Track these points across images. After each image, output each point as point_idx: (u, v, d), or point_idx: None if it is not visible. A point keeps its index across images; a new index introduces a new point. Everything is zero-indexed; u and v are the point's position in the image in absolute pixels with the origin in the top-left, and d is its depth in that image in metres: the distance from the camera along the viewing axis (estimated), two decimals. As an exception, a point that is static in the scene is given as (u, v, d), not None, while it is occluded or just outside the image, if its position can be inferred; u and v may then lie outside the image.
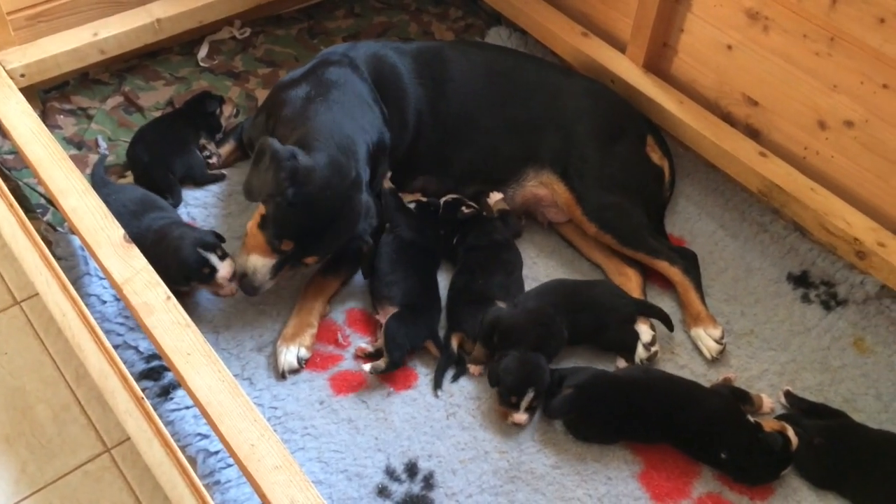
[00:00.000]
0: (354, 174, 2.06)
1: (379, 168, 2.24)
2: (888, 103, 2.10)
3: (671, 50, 2.57)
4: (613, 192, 2.27)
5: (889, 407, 2.05)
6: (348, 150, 2.08)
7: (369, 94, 2.26)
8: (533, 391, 1.92)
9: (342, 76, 2.25)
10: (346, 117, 2.15)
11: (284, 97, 2.23)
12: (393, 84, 2.31)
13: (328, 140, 2.07)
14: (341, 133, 2.10)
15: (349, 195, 2.04)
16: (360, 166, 2.10)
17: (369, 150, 2.16)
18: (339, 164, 2.04)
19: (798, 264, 2.33)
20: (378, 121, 2.23)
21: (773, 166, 2.35)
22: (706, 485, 1.91)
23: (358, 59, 2.32)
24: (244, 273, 2.03)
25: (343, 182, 2.03)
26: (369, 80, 2.29)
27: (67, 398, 2.03)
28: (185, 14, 2.72)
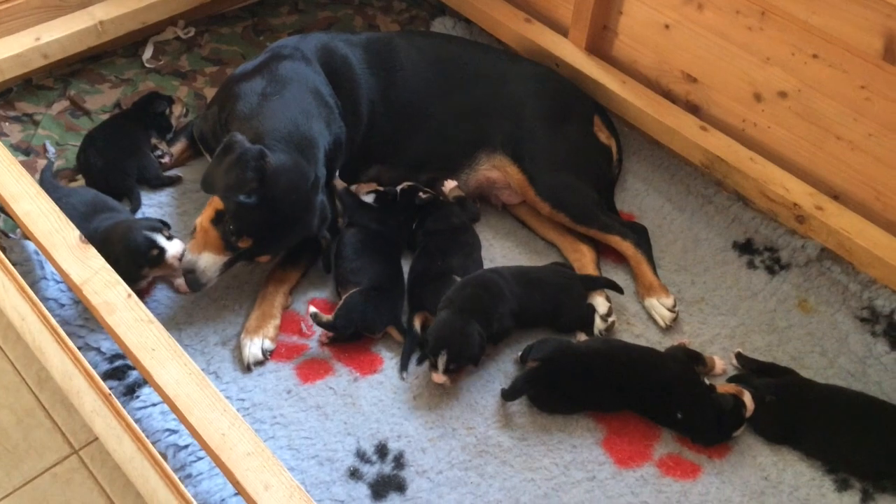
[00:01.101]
0: (314, 177, 2.09)
1: (336, 165, 2.27)
2: (818, 73, 2.20)
3: (611, 32, 2.65)
4: (564, 171, 2.33)
5: (834, 363, 2.15)
6: (308, 152, 2.10)
7: (325, 89, 2.28)
8: (445, 354, 1.95)
9: (296, 71, 2.27)
10: (305, 117, 2.16)
11: (238, 91, 2.24)
12: (345, 75, 2.34)
13: (288, 141, 2.09)
14: (300, 134, 2.12)
15: (309, 198, 2.07)
16: (319, 167, 2.13)
17: (327, 150, 2.18)
18: (301, 166, 2.07)
19: (742, 233, 2.43)
20: (335, 118, 2.25)
21: (714, 139, 2.44)
22: (666, 447, 1.98)
23: (309, 51, 2.34)
24: (192, 269, 2.03)
25: (304, 185, 2.06)
26: (322, 73, 2.31)
27: (31, 403, 2.01)
28: (128, 15, 2.71)
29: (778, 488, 1.91)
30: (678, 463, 1.95)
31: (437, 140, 2.38)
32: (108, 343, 2.07)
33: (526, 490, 1.88)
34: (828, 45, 2.15)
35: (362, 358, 2.10)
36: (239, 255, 2.06)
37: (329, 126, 2.20)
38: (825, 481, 1.93)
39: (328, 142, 2.17)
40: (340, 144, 2.26)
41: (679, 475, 1.93)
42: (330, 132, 2.20)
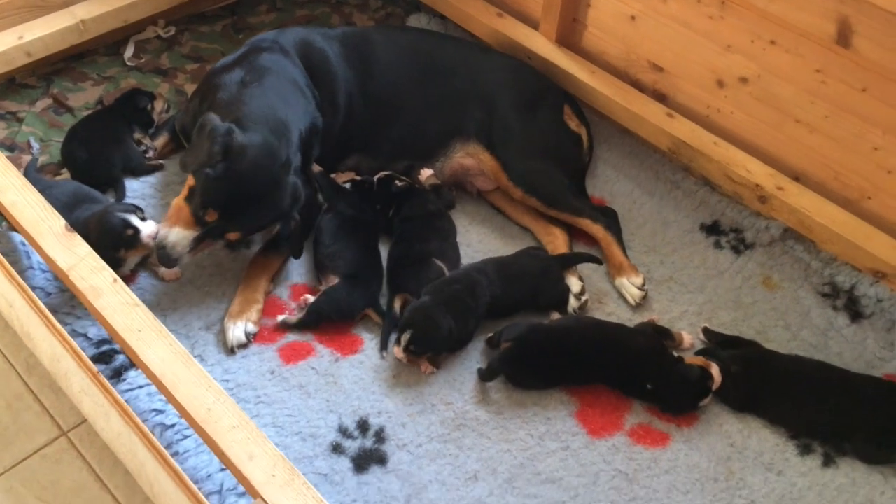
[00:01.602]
0: (285, 157, 2.14)
1: (311, 152, 2.33)
2: (777, 58, 2.30)
3: (580, 24, 2.74)
4: (536, 157, 2.41)
5: (797, 336, 2.25)
6: (281, 134, 2.16)
7: (302, 80, 2.34)
8: (409, 334, 2.02)
9: (275, 62, 2.34)
10: (281, 102, 2.23)
11: (218, 82, 2.31)
12: (322, 68, 2.41)
13: (263, 123, 2.15)
14: (276, 118, 2.18)
15: (277, 176, 2.12)
16: (292, 150, 2.18)
17: (302, 135, 2.24)
18: (271, 145, 2.12)
19: (709, 215, 2.52)
20: (311, 107, 2.32)
21: (680, 125, 2.53)
22: (637, 417, 2.06)
23: (287, 44, 2.41)
24: (163, 245, 2.08)
25: (273, 163, 2.11)
26: (301, 65, 2.38)
27: (19, 388, 2.06)
28: (109, 14, 2.77)
29: (743, 454, 2.00)
30: (648, 432, 2.03)
31: (413, 129, 2.46)
32: (94, 329, 2.12)
33: (503, 460, 1.96)
34: (785, 32, 2.24)
35: (343, 339, 2.17)
36: (208, 231, 2.10)
37: (305, 113, 2.27)
38: (788, 446, 2.02)
39: (304, 128, 2.24)
40: (317, 132, 2.32)
41: (649, 443, 2.01)
42: (306, 119, 2.26)
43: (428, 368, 2.09)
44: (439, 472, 1.93)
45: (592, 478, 1.94)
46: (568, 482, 1.93)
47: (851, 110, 2.22)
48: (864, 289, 2.30)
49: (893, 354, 2.20)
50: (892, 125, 2.16)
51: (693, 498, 1.92)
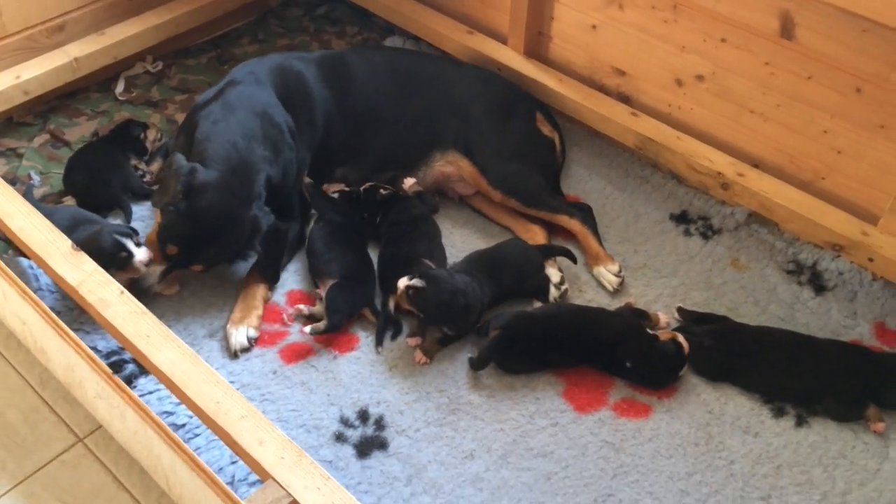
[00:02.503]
0: (245, 194, 2.26)
1: (285, 180, 2.42)
2: (728, 55, 2.47)
3: (546, 37, 2.92)
4: (512, 161, 2.56)
5: (766, 310, 2.39)
6: (244, 174, 2.27)
7: (274, 109, 2.44)
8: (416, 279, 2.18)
9: (246, 95, 2.44)
10: (245, 140, 2.32)
11: (196, 119, 2.42)
12: (299, 90, 2.56)
13: (226, 162, 2.27)
14: (239, 157, 2.29)
15: (235, 214, 2.24)
16: (255, 188, 2.29)
17: (269, 173, 2.33)
18: (231, 185, 2.24)
19: (678, 205, 2.67)
20: (283, 137, 2.41)
21: (644, 123, 2.70)
22: (620, 392, 2.19)
23: (263, 73, 2.54)
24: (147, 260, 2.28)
25: (231, 201, 2.24)
26: (274, 94, 2.50)
27: (35, 401, 2.17)
28: (101, 51, 2.93)
29: (721, 419, 2.13)
30: (631, 405, 2.16)
31: (394, 142, 2.61)
32: (103, 342, 2.24)
33: (496, 438, 2.08)
34: (734, 29, 2.42)
35: (340, 338, 2.30)
36: (173, 264, 2.26)
37: (273, 146, 2.37)
38: (763, 410, 2.15)
39: (268, 168, 2.33)
40: (288, 161, 2.43)
41: (633, 415, 2.14)
42: (274, 152, 2.36)
43: (422, 359, 2.22)
44: (437, 452, 2.05)
45: (581, 449, 2.06)
46: (559, 455, 2.05)
47: (800, 98, 2.40)
48: (825, 263, 2.46)
49: (856, 322, 2.35)
50: (839, 109, 2.34)
51: (676, 462, 2.04)
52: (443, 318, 2.24)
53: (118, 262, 2.23)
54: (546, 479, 2.00)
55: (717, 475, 2.02)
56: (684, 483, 2.00)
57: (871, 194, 2.39)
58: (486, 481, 2.00)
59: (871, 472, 2.02)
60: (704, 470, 2.03)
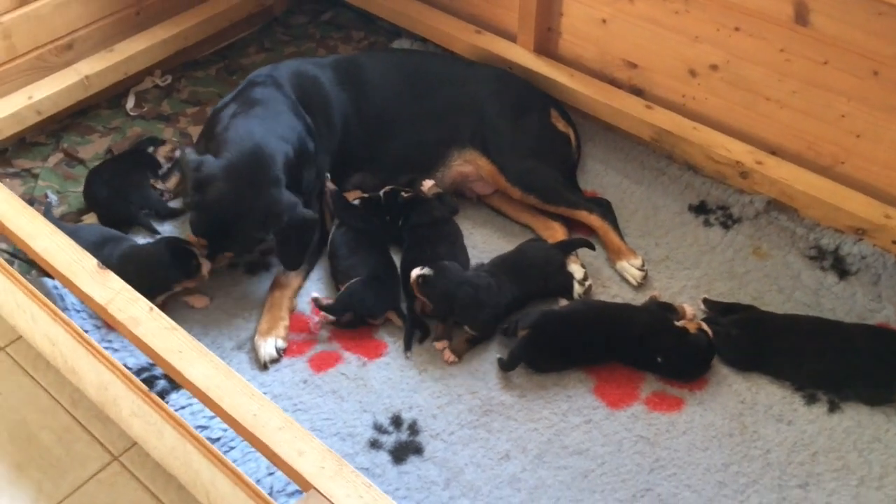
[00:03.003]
0: (259, 179, 2.27)
1: (304, 171, 2.43)
2: (742, 43, 2.47)
3: (555, 33, 2.91)
4: (530, 158, 2.56)
5: (791, 297, 2.39)
6: (257, 156, 2.28)
7: (291, 108, 2.48)
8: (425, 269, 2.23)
9: (266, 94, 2.49)
10: (261, 127, 2.35)
11: (216, 118, 2.47)
12: (316, 94, 2.57)
13: (236, 147, 2.29)
14: (252, 141, 2.31)
15: (247, 199, 2.24)
16: (274, 170, 2.29)
17: (288, 156, 2.34)
18: (240, 169, 2.26)
19: (696, 196, 2.67)
20: (300, 129, 2.43)
21: (660, 115, 2.70)
22: (651, 386, 2.20)
23: (281, 77, 2.56)
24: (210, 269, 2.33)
25: (242, 185, 2.25)
26: (293, 96, 2.53)
27: (68, 421, 2.18)
28: (111, 68, 2.93)
29: (754, 409, 2.13)
30: (663, 399, 2.17)
31: (411, 144, 2.61)
32: (132, 359, 2.24)
33: (531, 438, 2.08)
34: (747, 18, 2.42)
35: (368, 345, 2.30)
36: (211, 253, 2.31)
37: (292, 133, 2.38)
38: (795, 398, 2.15)
39: (290, 148, 2.34)
40: (307, 153, 2.43)
41: (665, 409, 2.14)
42: (293, 139, 2.38)
43: (451, 357, 2.22)
44: (473, 455, 2.05)
45: (616, 445, 2.07)
46: (594, 452, 2.05)
47: (816, 83, 2.39)
48: (847, 248, 2.46)
49: (882, 305, 2.35)
50: (855, 92, 2.34)
51: (712, 454, 2.05)
52: (448, 308, 2.24)
53: (189, 272, 2.28)
54: (583, 477, 2.01)
55: (754, 465, 2.02)
56: (721, 475, 2.01)
57: (892, 177, 2.39)
58: (524, 481, 2.00)
59: (907, 455, 2.03)
60: (741, 460, 2.03)
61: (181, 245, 2.28)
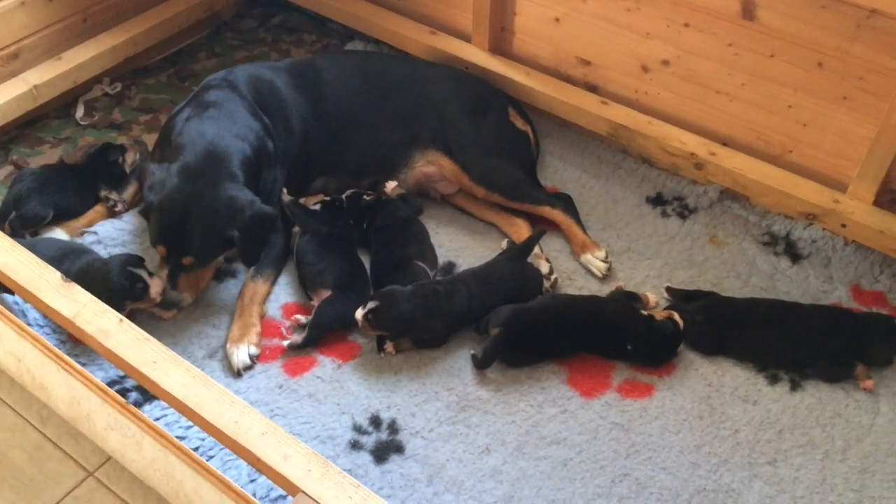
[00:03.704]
0: (213, 178, 2.25)
1: (264, 171, 2.42)
2: (692, 39, 2.55)
3: (509, 32, 2.96)
4: (492, 157, 2.60)
5: (748, 283, 2.48)
6: (211, 155, 2.28)
7: (248, 108, 2.46)
8: (373, 304, 2.19)
9: (220, 96, 2.47)
10: (215, 127, 2.35)
11: (171, 125, 2.45)
12: (273, 98, 2.55)
13: (190, 149, 2.29)
14: (205, 140, 2.31)
15: (205, 195, 2.23)
16: (229, 167, 2.28)
17: (245, 154, 2.33)
18: (194, 169, 2.25)
19: (652, 188, 2.75)
20: (257, 128, 2.42)
21: (615, 111, 2.77)
22: (622, 374, 2.26)
23: (237, 80, 2.54)
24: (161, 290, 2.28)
25: (196, 185, 2.23)
26: (249, 98, 2.51)
27: (38, 439, 2.13)
28: (60, 77, 2.86)
29: (720, 391, 2.21)
30: (634, 386, 2.23)
31: (372, 146, 2.62)
32: (101, 372, 2.20)
33: (509, 431, 2.12)
34: (696, 14, 2.50)
35: (342, 347, 2.30)
36: (174, 265, 2.27)
37: (249, 133, 2.38)
38: (758, 379, 2.24)
39: (247, 147, 2.34)
40: (266, 152, 2.43)
41: (637, 396, 2.20)
42: (250, 138, 2.37)
43: (390, 348, 2.25)
44: (454, 450, 2.08)
45: (592, 433, 2.12)
46: (572, 440, 2.10)
47: (764, 75, 2.49)
48: (798, 233, 2.56)
49: (834, 286, 2.46)
50: (801, 84, 2.44)
51: (684, 436, 2.12)
52: (405, 329, 2.25)
53: (134, 295, 2.22)
54: (563, 466, 2.05)
55: (724, 445, 2.10)
56: (694, 455, 2.08)
57: (838, 163, 2.50)
58: (505, 473, 2.04)
59: (866, 428, 2.13)
60: (712, 441, 2.10)
61: (127, 267, 2.22)
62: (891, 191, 2.45)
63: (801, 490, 2.01)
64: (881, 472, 2.05)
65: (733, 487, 2.01)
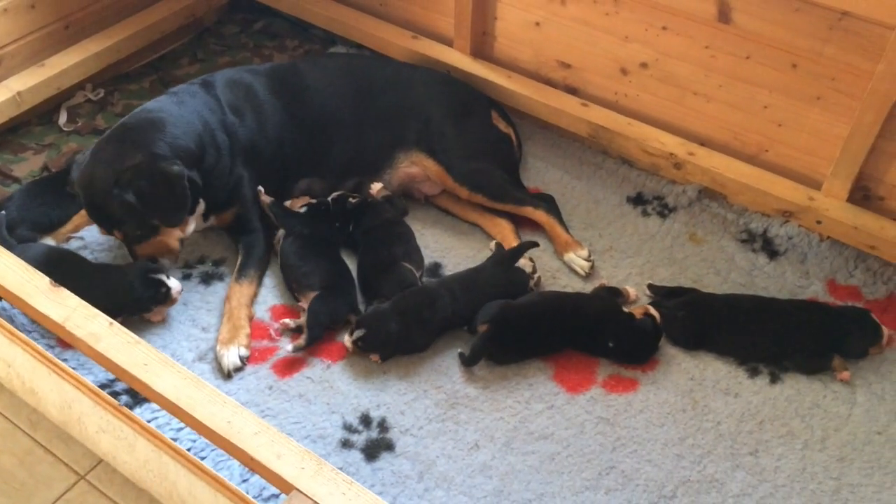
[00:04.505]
0: (128, 147, 2.29)
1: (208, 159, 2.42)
2: (670, 42, 2.61)
3: (490, 36, 3.00)
4: (475, 158, 2.64)
5: (727, 279, 2.54)
6: (142, 134, 2.33)
7: (207, 103, 2.50)
8: (361, 332, 2.23)
9: (184, 90, 2.54)
10: (160, 111, 2.40)
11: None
12: (248, 100, 2.58)
13: (118, 130, 2.36)
14: (139, 121, 2.38)
15: (113, 164, 2.26)
16: (148, 137, 2.31)
17: (176, 134, 2.34)
18: (111, 150, 2.30)
19: (633, 188, 2.80)
20: (207, 118, 2.45)
21: (595, 112, 2.82)
22: (607, 370, 2.30)
23: (215, 81, 2.59)
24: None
25: (112, 164, 2.27)
26: (221, 97, 2.54)
27: (28, 444, 2.13)
28: (43, 84, 2.87)
29: (703, 384, 2.26)
30: (619, 381, 2.27)
31: (357, 147, 2.65)
32: (90, 377, 2.20)
33: (497, 427, 2.16)
34: (673, 17, 2.56)
35: (331, 348, 2.33)
36: (126, 240, 2.38)
37: (187, 122, 2.39)
38: (739, 372, 2.29)
39: (176, 131, 2.35)
40: (214, 146, 2.44)
41: (621, 390, 2.25)
42: (186, 126, 2.38)
43: (376, 358, 2.28)
44: (443, 447, 2.11)
45: (579, 428, 2.16)
46: (559, 435, 2.14)
47: (740, 77, 2.55)
48: (775, 230, 2.63)
49: (810, 281, 2.52)
50: (776, 84, 2.50)
51: (668, 429, 2.16)
52: (393, 349, 2.28)
53: (159, 300, 2.29)
54: (550, 460, 2.09)
55: (707, 437, 2.15)
56: (678, 448, 2.13)
57: (813, 162, 2.57)
58: (494, 469, 2.07)
59: (843, 418, 2.19)
60: (695, 433, 2.16)
61: (148, 275, 2.31)
62: (864, 188, 2.52)
63: (782, 479, 2.06)
64: (859, 460, 2.11)
65: (717, 478, 2.07)
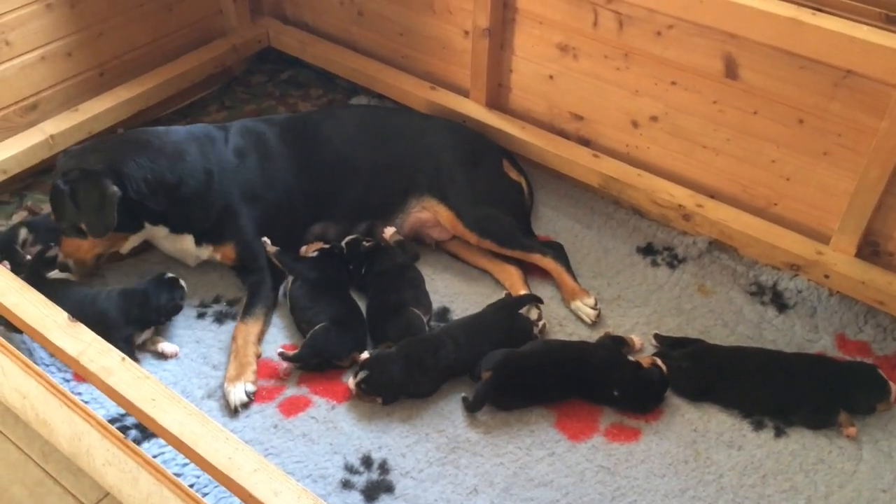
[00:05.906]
0: (101, 165, 2.43)
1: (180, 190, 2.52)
2: (679, 96, 2.66)
3: (506, 88, 3.08)
4: (485, 204, 2.70)
5: (735, 331, 2.54)
6: (121, 147, 2.51)
7: (215, 142, 2.64)
8: (364, 374, 2.27)
9: (200, 127, 2.68)
10: (155, 135, 2.58)
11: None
12: (257, 148, 2.69)
13: (116, 138, 2.62)
14: (132, 137, 2.58)
15: (70, 171, 2.45)
16: (127, 163, 2.45)
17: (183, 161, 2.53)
18: (91, 148, 2.52)
19: (643, 239, 2.83)
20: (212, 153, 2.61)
21: (606, 163, 2.87)
22: (609, 418, 2.30)
23: (230, 127, 2.71)
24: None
25: (77, 158, 2.48)
26: (231, 141, 2.66)
27: (39, 475, 2.19)
28: (75, 128, 3.00)
29: (706, 436, 2.25)
30: (621, 430, 2.27)
31: (370, 192, 2.73)
32: (102, 411, 2.27)
33: (497, 473, 2.16)
34: (682, 73, 2.62)
35: (336, 388, 2.37)
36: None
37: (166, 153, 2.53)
38: (743, 425, 2.28)
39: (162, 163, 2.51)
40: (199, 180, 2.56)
41: (623, 439, 2.25)
42: (164, 156, 2.52)
43: (379, 401, 2.31)
44: (443, 490, 2.12)
45: (579, 476, 2.16)
46: (558, 483, 2.14)
47: (748, 131, 2.59)
48: (784, 283, 2.63)
49: (819, 335, 2.51)
50: (784, 139, 2.53)
51: (669, 480, 2.15)
52: (397, 393, 2.31)
53: (178, 298, 2.49)
54: (549, 507, 2.09)
55: (709, 489, 2.13)
56: (678, 500, 2.11)
57: (821, 216, 2.58)
58: (492, 514, 2.08)
59: (848, 474, 2.16)
60: (696, 485, 2.14)
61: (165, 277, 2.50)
62: (873, 243, 2.52)
63: (784, 535, 2.04)
64: (863, 518, 2.08)
65: (716, 531, 2.05)
